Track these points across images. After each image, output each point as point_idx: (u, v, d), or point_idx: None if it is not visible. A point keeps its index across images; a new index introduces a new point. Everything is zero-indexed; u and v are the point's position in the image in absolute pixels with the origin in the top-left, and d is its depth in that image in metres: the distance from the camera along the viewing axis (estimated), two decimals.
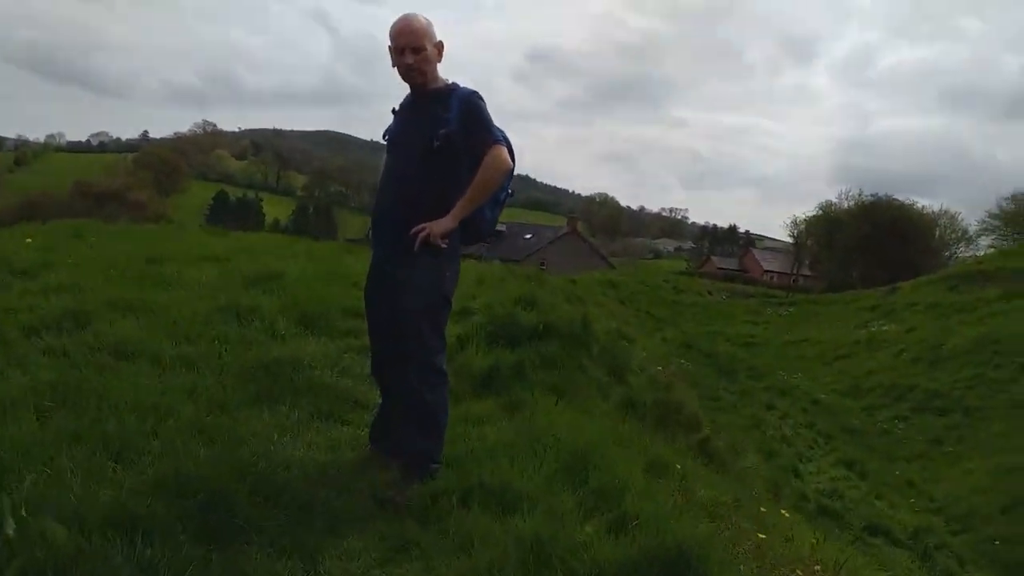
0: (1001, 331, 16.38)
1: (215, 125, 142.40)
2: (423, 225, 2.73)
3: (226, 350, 3.42)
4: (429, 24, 2.91)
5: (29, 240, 5.94)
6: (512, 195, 3.17)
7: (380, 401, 3.05)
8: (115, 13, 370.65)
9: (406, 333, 2.77)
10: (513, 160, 2.88)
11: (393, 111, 3.08)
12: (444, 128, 2.75)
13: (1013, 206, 38.40)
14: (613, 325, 7.34)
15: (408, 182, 2.84)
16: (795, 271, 50.75)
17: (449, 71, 3.02)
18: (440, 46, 2.91)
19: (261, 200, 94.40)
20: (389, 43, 2.88)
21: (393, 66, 2.90)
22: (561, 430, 3.01)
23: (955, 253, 42.47)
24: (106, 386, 2.74)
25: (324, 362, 3.68)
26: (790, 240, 54.28)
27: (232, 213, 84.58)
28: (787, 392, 16.76)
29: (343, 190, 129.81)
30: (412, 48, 2.78)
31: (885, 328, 20.19)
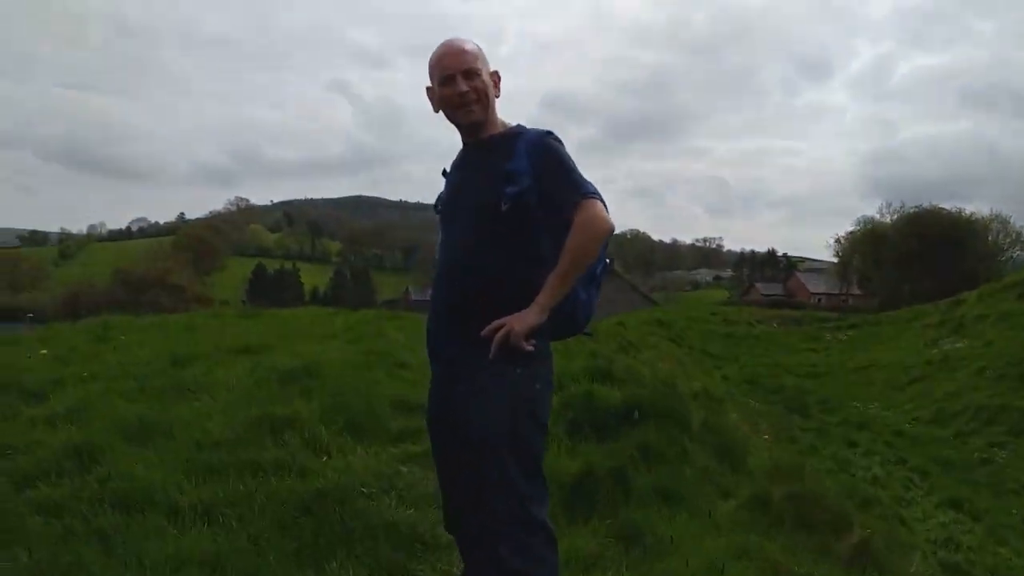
0: None
1: (248, 200, 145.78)
2: (500, 322, 2.03)
3: (258, 487, 2.76)
4: (480, 48, 2.30)
5: (44, 352, 5.43)
6: (610, 266, 2.46)
7: (462, 565, 2.28)
8: (138, 103, 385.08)
9: (485, 474, 1.99)
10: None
11: (444, 173, 2.42)
12: (513, 185, 2.10)
13: None
14: (697, 386, 6.59)
15: (470, 263, 2.16)
16: (844, 291, 49.21)
17: None
18: (496, 77, 2.29)
19: (298, 270, 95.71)
20: (430, 78, 2.26)
21: (437, 110, 2.27)
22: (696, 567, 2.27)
23: (1011, 257, 40.74)
24: (103, 566, 2.09)
25: (377, 483, 3.01)
26: (834, 259, 52.86)
27: (271, 286, 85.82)
28: (866, 425, 15.65)
29: (377, 252, 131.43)
30: (464, 72, 2.18)
31: (958, 345, 18.95)
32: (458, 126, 2.26)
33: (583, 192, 2.11)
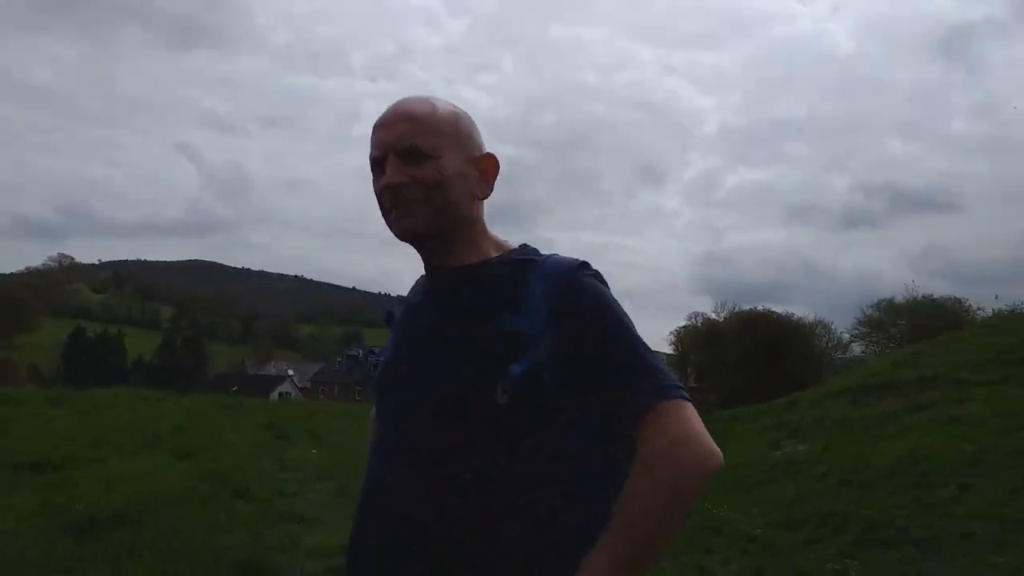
0: (923, 448, 16.02)
1: (72, 258, 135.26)
2: None
3: None
4: (456, 114, 1.40)
5: None
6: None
7: None
8: None
9: None
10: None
11: (388, 319, 1.51)
12: (518, 358, 1.22)
13: (878, 313, 40.41)
14: None
15: (433, 498, 1.22)
16: (683, 384, 51.18)
17: None
18: (486, 163, 1.41)
19: (124, 335, 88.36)
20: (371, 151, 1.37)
21: (381, 209, 1.36)
22: None
23: (831, 361, 44.00)
24: None
25: None
26: (671, 352, 55.25)
27: (91, 351, 78.58)
28: (720, 529, 15.49)
29: (213, 320, 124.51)
30: (402, 152, 1.30)
31: (800, 448, 19.64)
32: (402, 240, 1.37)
33: (657, 385, 1.21)
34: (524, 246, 1.45)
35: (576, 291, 1.29)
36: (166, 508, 3.79)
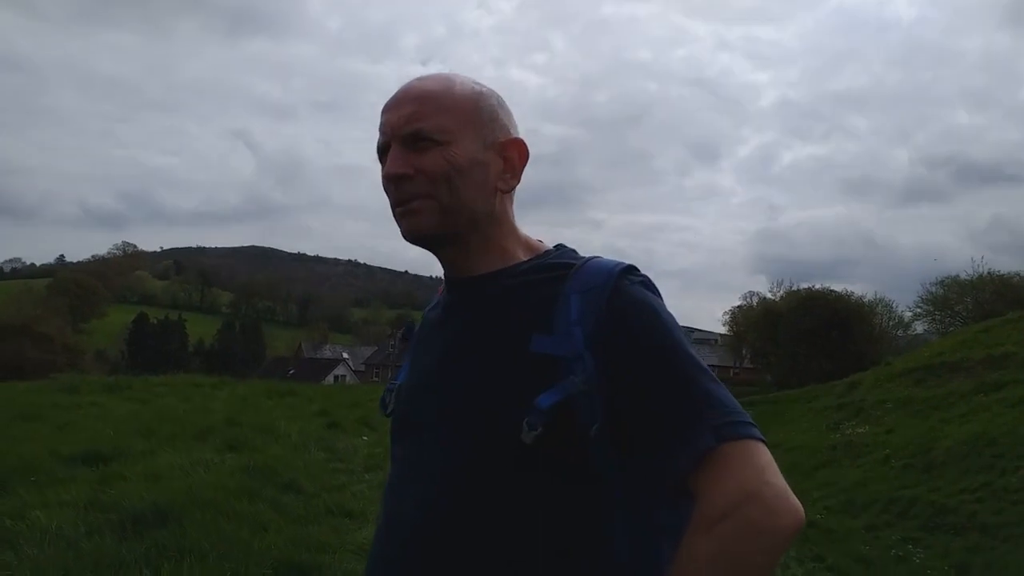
0: (993, 430, 15.39)
1: (135, 246, 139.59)
2: None
3: None
4: (479, 93, 1.18)
5: None
6: None
7: None
8: (22, 139, 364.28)
9: None
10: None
11: (404, 335, 1.35)
12: (550, 388, 1.01)
13: (942, 291, 39.03)
14: None
15: (448, 544, 1.04)
16: (738, 365, 50.43)
17: None
18: (511, 150, 1.18)
19: (185, 321, 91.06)
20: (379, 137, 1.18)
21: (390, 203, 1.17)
22: None
23: (895, 337, 42.75)
24: None
25: None
26: (725, 332, 54.32)
27: (154, 337, 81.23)
28: None
29: (270, 305, 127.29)
30: (405, 137, 1.11)
31: (861, 430, 19.08)
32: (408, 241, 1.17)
33: (720, 422, 0.99)
34: (560, 247, 1.22)
35: (619, 304, 1.05)
36: (212, 504, 3.78)
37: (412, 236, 1.14)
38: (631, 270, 1.12)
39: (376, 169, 1.17)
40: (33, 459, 4.59)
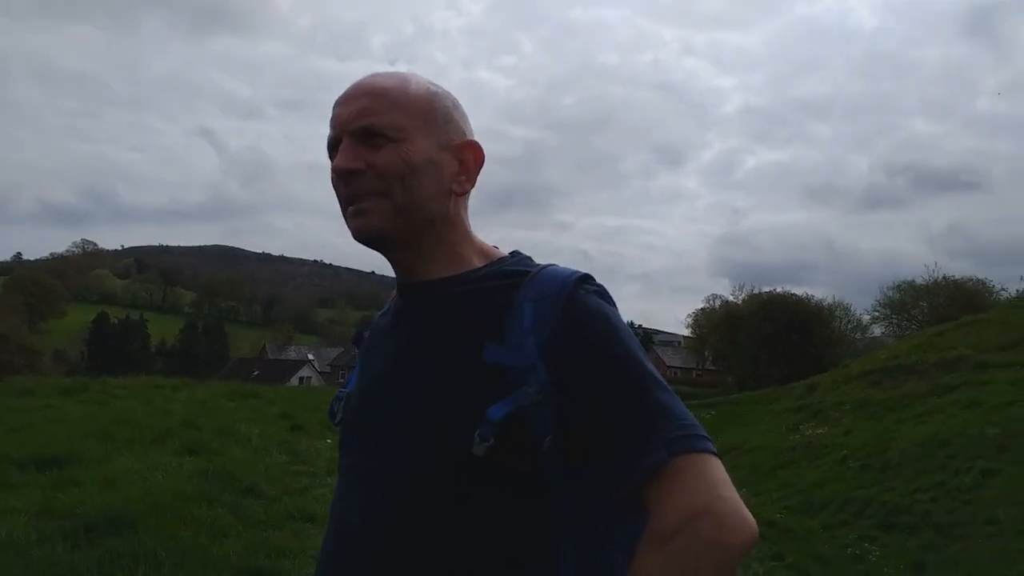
0: (946, 431, 15.79)
1: (95, 244, 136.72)
2: None
3: None
4: (434, 92, 1.15)
5: None
6: None
7: None
8: None
9: None
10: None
11: (356, 339, 1.30)
12: (501, 399, 0.99)
13: (899, 295, 39.90)
14: None
15: (395, 555, 1.02)
16: (700, 366, 51.07)
17: None
18: (467, 152, 1.16)
19: (146, 321, 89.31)
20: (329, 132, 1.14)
21: (339, 202, 1.14)
22: None
23: (851, 343, 43.58)
24: None
25: None
26: (688, 334, 55.00)
27: (115, 337, 79.53)
28: None
29: (234, 304, 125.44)
30: (364, 129, 1.08)
31: (820, 431, 19.47)
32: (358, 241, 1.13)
33: (673, 435, 0.98)
34: (515, 254, 1.19)
35: (574, 314, 1.03)
36: (169, 510, 3.72)
37: (363, 236, 1.11)
38: (586, 279, 1.09)
39: None
40: None
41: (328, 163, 1.14)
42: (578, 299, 1.05)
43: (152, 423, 6.50)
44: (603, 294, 1.11)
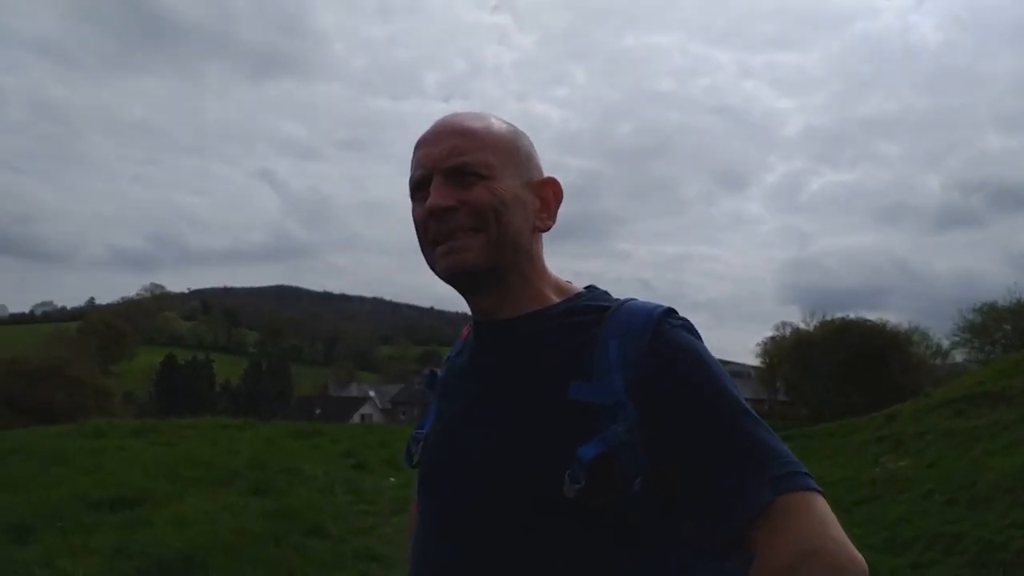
0: None
1: (163, 287, 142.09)
2: None
3: None
4: (516, 132, 1.15)
5: None
6: None
7: None
8: (50, 184, 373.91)
9: None
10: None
11: (430, 381, 1.26)
12: (591, 439, 0.96)
13: (980, 318, 38.28)
14: None
15: None
16: (771, 398, 49.62)
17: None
18: (547, 189, 1.17)
19: (212, 361, 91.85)
20: (411, 172, 1.12)
21: (422, 242, 1.13)
22: None
23: (931, 370, 41.88)
24: None
25: None
26: (758, 364, 53.57)
27: (182, 377, 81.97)
28: None
29: (296, 343, 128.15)
30: (448, 171, 1.07)
31: (902, 464, 18.55)
32: (448, 281, 1.13)
33: (777, 473, 0.95)
34: (591, 288, 1.18)
35: (661, 349, 1.02)
36: (237, 550, 3.66)
37: (455, 273, 1.09)
38: (670, 313, 1.07)
39: (403, 204, 1.15)
40: (61, 505, 4.53)
41: (395, 199, 1.13)
42: (664, 334, 1.04)
43: (219, 463, 6.53)
44: (689, 328, 1.09)
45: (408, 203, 1.13)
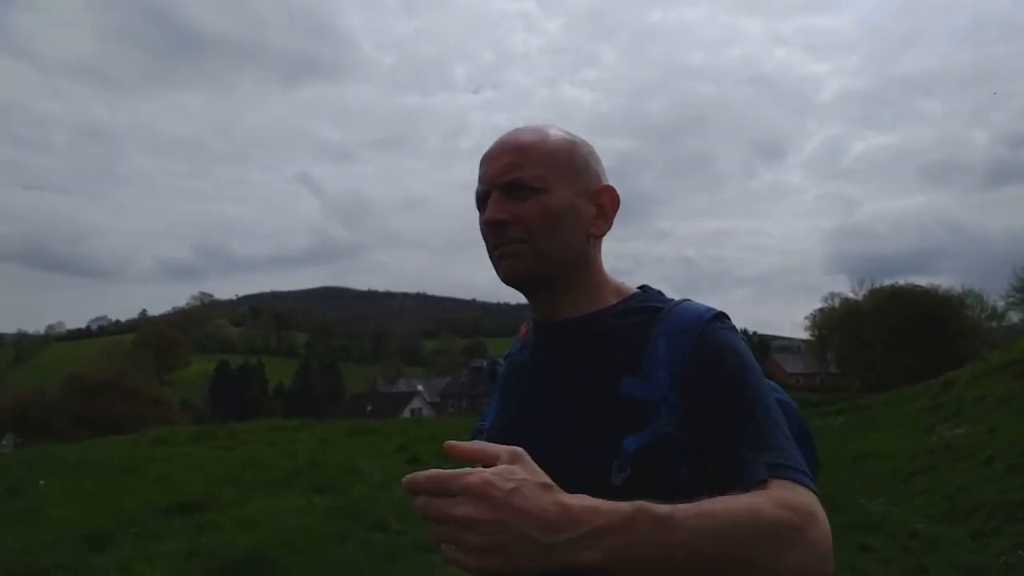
0: None
1: (212, 296, 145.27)
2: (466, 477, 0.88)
3: None
4: (572, 143, 1.22)
5: None
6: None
7: None
8: (98, 202, 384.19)
9: None
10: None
11: (491, 373, 1.36)
12: (637, 430, 1.03)
13: None
14: None
15: None
16: (823, 371, 48.76)
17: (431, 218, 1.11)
18: (604, 197, 1.22)
19: (263, 365, 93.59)
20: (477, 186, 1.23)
21: (487, 248, 1.21)
22: None
23: (988, 333, 40.72)
24: None
25: None
26: (808, 338, 52.58)
27: (235, 383, 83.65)
28: (878, 525, 14.46)
29: (344, 342, 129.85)
30: (505, 186, 1.16)
31: (959, 431, 18.19)
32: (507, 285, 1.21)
33: (779, 463, 0.99)
34: (645, 289, 1.26)
35: (707, 349, 1.08)
36: (303, 548, 3.83)
37: (510, 279, 1.19)
38: (720, 316, 1.14)
39: (440, 199, 1.19)
40: (134, 512, 4.76)
41: (432, 195, 1.20)
42: (711, 335, 1.10)
43: (279, 464, 6.75)
44: (738, 334, 1.15)
45: (440, 198, 1.23)
